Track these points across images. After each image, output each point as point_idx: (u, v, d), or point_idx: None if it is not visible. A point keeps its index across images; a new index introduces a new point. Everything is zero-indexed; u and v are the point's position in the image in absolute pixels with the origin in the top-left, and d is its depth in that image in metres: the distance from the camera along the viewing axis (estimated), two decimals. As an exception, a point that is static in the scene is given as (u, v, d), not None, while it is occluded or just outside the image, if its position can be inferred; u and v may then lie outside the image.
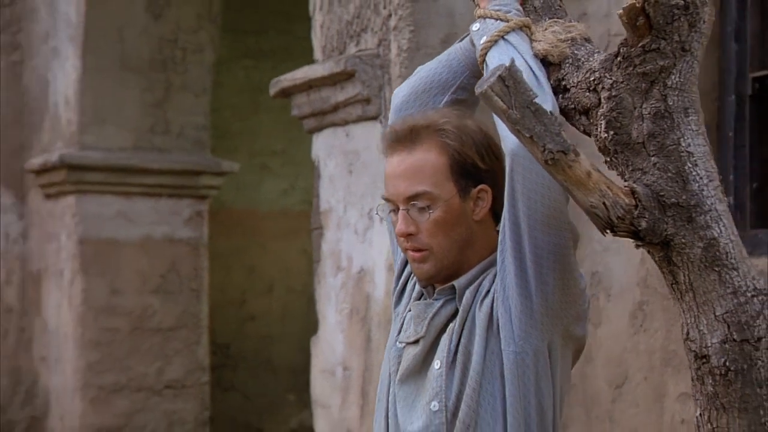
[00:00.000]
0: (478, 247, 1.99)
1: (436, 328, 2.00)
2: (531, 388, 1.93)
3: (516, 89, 1.68)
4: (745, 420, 1.74)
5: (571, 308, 1.95)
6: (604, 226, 1.73)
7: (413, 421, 1.99)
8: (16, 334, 7.09)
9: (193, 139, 6.57)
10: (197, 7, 6.52)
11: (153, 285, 6.45)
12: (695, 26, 1.78)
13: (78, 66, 6.37)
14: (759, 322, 1.74)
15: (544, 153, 1.68)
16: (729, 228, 1.76)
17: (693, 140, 1.77)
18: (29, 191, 7.05)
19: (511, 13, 1.95)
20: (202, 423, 6.64)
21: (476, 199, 1.97)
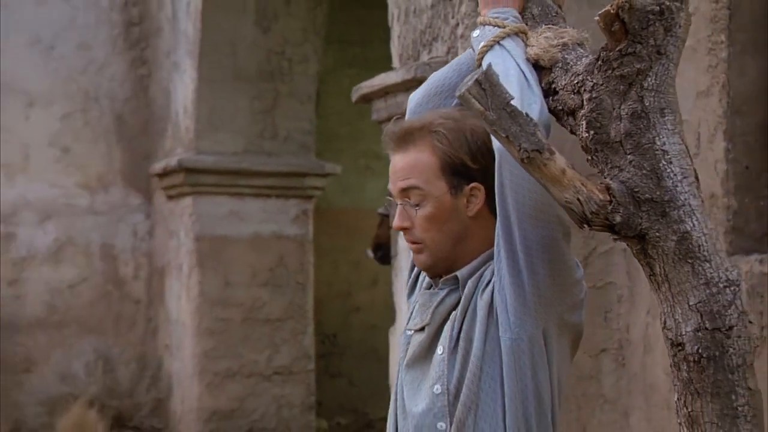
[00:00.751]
0: (475, 241, 2.00)
1: (441, 315, 2.01)
2: (528, 373, 1.92)
3: (492, 92, 1.70)
4: (718, 404, 1.73)
5: (565, 297, 1.95)
6: (579, 221, 1.75)
7: (418, 403, 2.01)
8: (144, 324, 7.37)
9: (299, 143, 6.72)
10: (302, 21, 6.66)
11: (262, 279, 6.61)
12: (671, 31, 1.78)
13: (195, 78, 6.59)
14: (731, 312, 1.73)
15: (520, 152, 1.70)
16: (702, 222, 1.75)
17: (668, 139, 1.77)
18: (154, 193, 7.32)
19: (509, 20, 1.96)
20: (308, 407, 6.77)
21: (469, 196, 1.97)
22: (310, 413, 6.75)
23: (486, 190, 1.96)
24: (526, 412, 1.93)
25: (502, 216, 1.89)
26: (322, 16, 6.71)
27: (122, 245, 7.35)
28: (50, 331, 7.30)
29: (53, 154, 7.30)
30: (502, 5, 1.99)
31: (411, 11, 4.36)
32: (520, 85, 1.88)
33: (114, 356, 7.26)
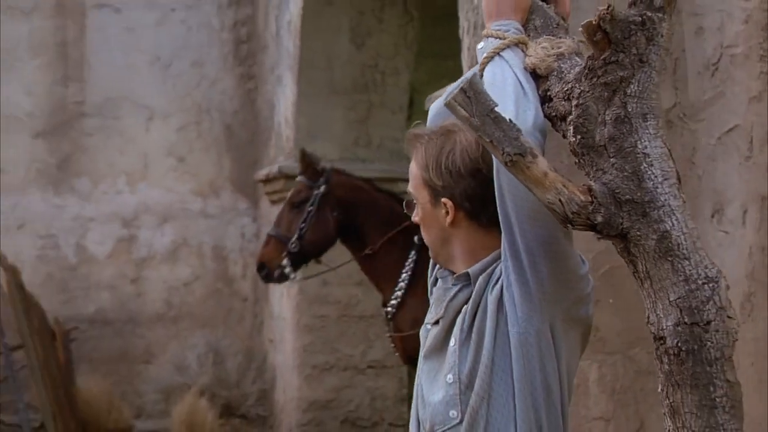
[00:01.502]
0: (461, 245, 2.02)
1: (454, 309, 2.02)
2: (536, 366, 1.92)
3: (476, 99, 1.72)
4: (696, 395, 1.72)
5: (570, 293, 1.94)
6: (561, 220, 1.76)
7: (434, 392, 2.02)
8: (251, 320, 7.55)
9: (390, 150, 6.79)
10: (394, 37, 6.74)
11: (357, 278, 6.69)
12: (653, 40, 1.77)
13: (295, 91, 6.73)
14: (708, 307, 1.72)
15: (504, 155, 1.72)
16: (682, 221, 1.74)
17: (650, 143, 1.76)
18: (260, 198, 7.49)
19: (510, 32, 1.97)
20: (400, 399, 6.83)
21: (444, 208, 2.01)
22: (402, 405, 6.80)
23: (455, 204, 1.99)
24: (536, 403, 1.93)
25: (504, 218, 1.90)
26: (413, 32, 6.77)
27: (231, 246, 7.56)
28: (167, 325, 7.55)
29: (170, 163, 7.55)
30: (505, 18, 1.99)
31: (479, 24, 4.38)
32: (516, 93, 1.89)
33: (223, 349, 7.47)
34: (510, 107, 1.87)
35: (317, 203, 5.41)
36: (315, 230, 5.41)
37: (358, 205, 5.55)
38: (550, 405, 1.95)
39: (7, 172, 7.65)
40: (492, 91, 1.90)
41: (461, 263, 2.04)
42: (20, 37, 7.72)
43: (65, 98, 7.72)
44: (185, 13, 7.76)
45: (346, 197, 5.53)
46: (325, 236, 5.48)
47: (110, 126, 7.68)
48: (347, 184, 5.62)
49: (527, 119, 1.86)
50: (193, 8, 7.77)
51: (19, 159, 7.68)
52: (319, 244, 5.49)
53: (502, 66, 1.94)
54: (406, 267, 5.53)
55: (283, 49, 7.00)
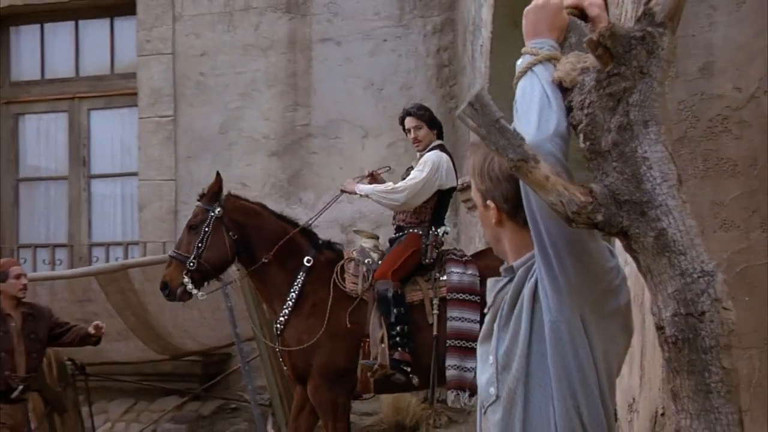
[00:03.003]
0: (509, 242, 2.05)
1: (501, 299, 2.06)
2: (569, 352, 1.92)
3: (483, 111, 1.78)
4: (693, 381, 1.70)
5: (596, 285, 1.91)
6: (564, 219, 1.78)
7: (483, 373, 2.07)
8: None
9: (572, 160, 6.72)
10: (576, 53, 6.67)
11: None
12: (654, 53, 1.77)
13: (485, 107, 6.79)
14: (703, 299, 1.69)
15: (508, 161, 1.77)
16: (679, 220, 1.72)
17: (650, 147, 1.76)
18: (459, 206, 7.62)
19: (544, 48, 1.98)
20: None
21: (491, 210, 2.05)
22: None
23: (497, 206, 2.03)
24: (572, 386, 1.93)
25: (530, 218, 1.91)
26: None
27: (435, 250, 7.71)
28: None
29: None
30: (541, 36, 2.01)
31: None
32: (540, 103, 1.91)
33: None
34: (533, 116, 1.90)
35: (212, 224, 5.44)
36: (211, 249, 5.43)
37: (251, 227, 5.53)
38: (586, 389, 1.93)
39: (248, 187, 8.21)
40: (521, 101, 1.96)
41: (511, 258, 2.09)
42: (258, 71, 8.27)
43: (294, 122, 8.18)
44: (395, 43, 8.02)
45: (240, 219, 5.53)
46: (221, 255, 5.48)
47: (331, 145, 8.06)
48: (242, 207, 5.61)
49: (549, 127, 1.88)
50: (402, 38, 8.01)
51: (258, 175, 8.22)
52: (215, 262, 5.48)
53: (532, 80, 1.96)
54: (294, 287, 5.48)
55: (477, 70, 7.09)
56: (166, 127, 8.37)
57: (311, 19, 8.17)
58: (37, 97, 9.14)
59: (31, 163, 9.27)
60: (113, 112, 8.98)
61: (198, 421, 7.89)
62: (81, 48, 9.12)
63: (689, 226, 1.72)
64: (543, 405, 1.96)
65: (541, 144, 1.86)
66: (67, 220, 9.03)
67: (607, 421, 1.98)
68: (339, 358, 5.38)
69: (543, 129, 1.87)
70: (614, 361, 2.01)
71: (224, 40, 8.33)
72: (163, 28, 8.43)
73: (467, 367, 5.07)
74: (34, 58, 9.23)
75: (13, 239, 9.05)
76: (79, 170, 9.02)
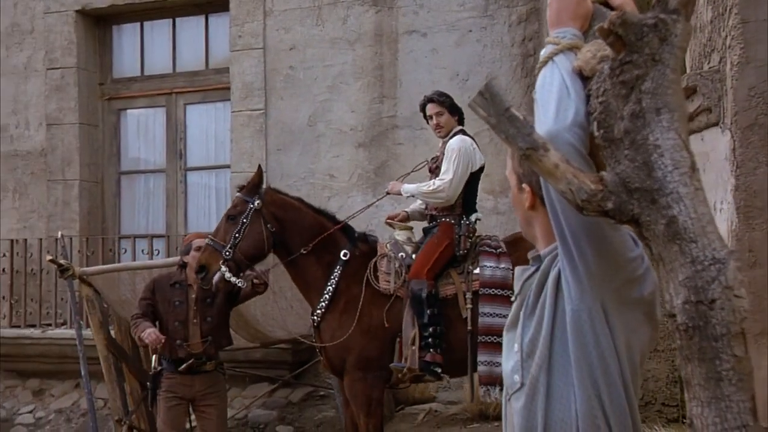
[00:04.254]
0: (540, 226, 2.05)
1: (528, 287, 2.06)
2: (590, 341, 1.91)
3: (492, 101, 1.80)
4: (704, 369, 1.69)
5: (618, 274, 1.90)
6: (575, 207, 1.79)
7: (508, 360, 2.08)
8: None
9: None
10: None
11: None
12: (666, 40, 1.75)
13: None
14: (714, 287, 1.68)
15: (518, 150, 1.79)
16: (690, 207, 1.71)
17: (662, 135, 1.74)
18: (544, 195, 7.56)
19: (566, 38, 1.98)
20: (672, 381, 6.58)
21: (525, 193, 2.06)
22: (674, 386, 6.56)
23: (533, 190, 2.03)
24: (593, 375, 1.92)
25: (550, 207, 1.92)
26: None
27: (520, 239, 7.69)
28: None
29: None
30: (564, 26, 2.00)
31: (697, 27, 4.23)
32: (559, 93, 1.91)
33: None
34: (552, 106, 1.91)
35: (251, 216, 5.47)
36: (247, 240, 5.47)
37: (289, 221, 5.55)
38: (608, 377, 1.93)
39: (335, 178, 8.34)
40: (541, 91, 1.97)
41: (541, 244, 2.09)
42: (346, 64, 8.37)
43: (381, 113, 8.25)
44: (480, 33, 8.01)
45: (278, 213, 5.55)
46: (258, 246, 5.51)
47: (417, 136, 8.10)
48: (280, 201, 5.62)
49: (567, 117, 1.88)
50: (487, 28, 7.99)
51: (345, 166, 8.33)
52: (251, 252, 5.51)
53: (552, 69, 1.96)
54: (330, 281, 5.46)
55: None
56: (257, 120, 8.56)
57: (397, 11, 8.23)
58: (137, 93, 9.48)
59: (132, 156, 9.62)
60: (208, 107, 9.24)
61: (288, 407, 8.07)
62: (178, 44, 9.40)
63: (701, 214, 1.71)
64: (564, 393, 1.96)
65: (559, 134, 1.87)
66: (165, 211, 9.34)
67: (630, 411, 1.97)
68: (373, 353, 5.45)
69: (561, 119, 1.88)
70: (637, 350, 1.99)
71: (313, 34, 8.47)
72: (255, 24, 8.62)
73: (498, 362, 5.07)
74: (134, 55, 9.57)
75: (115, 230, 9.42)
76: (176, 163, 9.32)
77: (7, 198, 9.47)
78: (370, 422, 5.47)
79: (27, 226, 9.37)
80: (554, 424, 1.97)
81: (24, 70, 9.48)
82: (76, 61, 9.28)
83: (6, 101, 9.49)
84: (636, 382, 2.01)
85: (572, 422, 1.95)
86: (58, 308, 8.80)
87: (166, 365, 5.96)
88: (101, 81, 9.55)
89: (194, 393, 5.95)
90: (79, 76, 9.29)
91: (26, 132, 9.45)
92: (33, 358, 8.81)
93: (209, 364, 5.98)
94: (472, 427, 6.69)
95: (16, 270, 9.00)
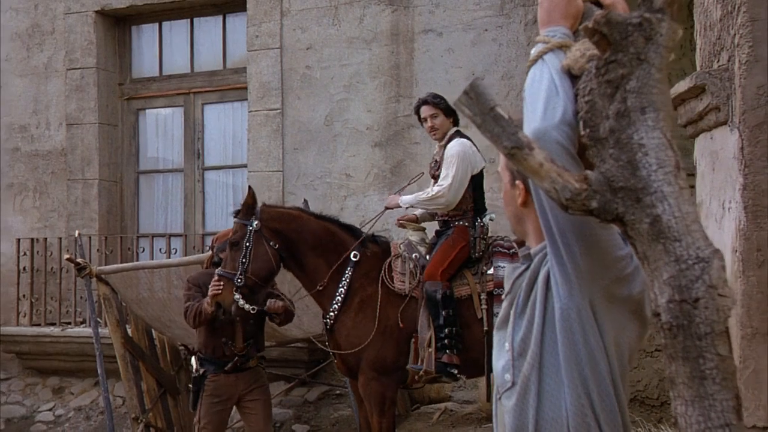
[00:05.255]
0: (530, 225, 2.05)
1: (518, 285, 2.07)
2: (579, 339, 1.92)
3: (477, 100, 1.81)
4: (688, 367, 1.70)
5: (606, 272, 1.91)
6: (560, 206, 1.79)
7: (499, 359, 2.09)
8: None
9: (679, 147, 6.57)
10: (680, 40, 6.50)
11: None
12: (652, 39, 1.76)
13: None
14: (698, 286, 1.69)
15: (503, 149, 1.80)
16: (674, 206, 1.71)
17: (647, 134, 1.75)
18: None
19: (556, 36, 1.98)
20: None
21: (518, 190, 2.07)
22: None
23: (525, 187, 2.03)
24: (582, 373, 1.94)
25: (538, 205, 1.93)
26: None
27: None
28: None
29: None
30: (554, 24, 2.01)
31: (707, 26, 4.22)
32: (548, 92, 1.92)
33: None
34: (540, 105, 1.92)
35: (252, 238, 5.46)
36: (255, 263, 5.46)
37: (291, 231, 5.53)
38: (598, 376, 1.94)
39: (352, 177, 8.37)
40: (530, 90, 1.98)
41: (533, 241, 2.10)
42: (362, 63, 8.39)
43: (397, 112, 8.27)
44: (496, 32, 8.00)
45: (278, 227, 5.53)
46: (267, 266, 5.50)
47: (433, 135, 8.10)
48: (278, 215, 5.60)
49: (555, 115, 1.89)
50: (503, 27, 7.98)
51: (361, 166, 8.35)
52: (262, 274, 5.50)
53: (541, 68, 1.97)
54: (342, 282, 5.45)
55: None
56: (274, 120, 8.60)
57: (413, 10, 8.24)
58: (155, 93, 9.55)
59: (150, 155, 9.70)
60: (225, 106, 9.30)
61: (304, 406, 8.11)
62: (196, 44, 9.47)
63: (685, 213, 1.71)
64: (555, 391, 1.97)
65: (547, 132, 1.88)
66: (183, 211, 9.41)
67: (619, 408, 1.98)
68: (389, 354, 5.46)
69: (549, 117, 1.89)
70: (626, 348, 2.00)
71: (329, 34, 8.50)
72: (272, 23, 8.66)
73: None
74: (153, 55, 9.64)
75: (134, 229, 9.50)
76: (194, 163, 9.38)
77: (27, 197, 9.58)
78: (383, 422, 5.49)
79: (47, 225, 9.47)
80: (545, 423, 1.98)
81: (44, 71, 9.58)
82: (95, 61, 9.37)
83: (27, 101, 9.60)
84: (625, 380, 2.02)
85: (563, 420, 1.96)
86: (77, 307, 8.89)
87: (209, 367, 5.92)
88: (120, 81, 9.63)
89: (240, 391, 5.95)
90: (98, 77, 9.37)
91: (47, 132, 9.56)
92: (53, 356, 8.90)
93: (252, 361, 5.97)
94: (487, 426, 6.69)
95: (36, 269, 9.10)
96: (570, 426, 1.95)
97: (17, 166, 9.62)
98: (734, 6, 3.79)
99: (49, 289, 9.05)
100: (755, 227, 3.61)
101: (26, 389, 9.13)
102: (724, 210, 3.87)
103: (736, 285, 3.64)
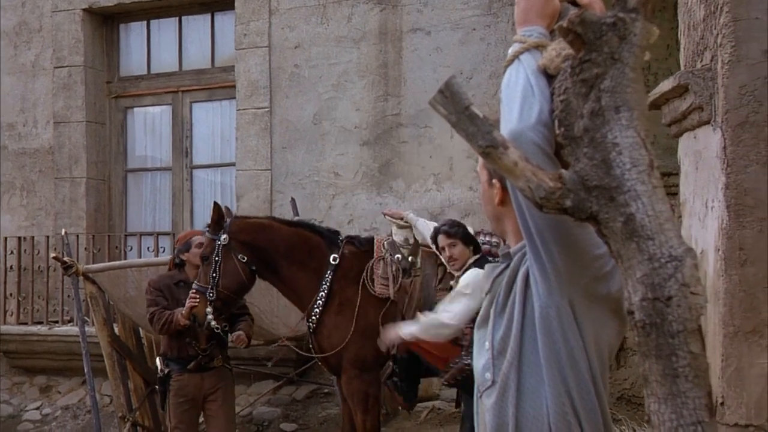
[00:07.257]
0: (509, 223, 2.06)
1: (498, 284, 2.08)
2: (559, 338, 1.92)
3: (452, 99, 1.80)
4: (661, 365, 1.70)
5: (585, 271, 1.91)
6: (534, 205, 1.80)
7: (479, 358, 2.09)
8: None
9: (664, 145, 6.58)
10: (666, 39, 6.52)
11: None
12: (626, 39, 1.77)
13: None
14: (670, 284, 1.69)
15: (477, 147, 1.81)
16: (648, 205, 1.72)
17: (621, 133, 1.75)
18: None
19: (532, 36, 1.98)
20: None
21: (495, 189, 2.07)
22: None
23: (502, 186, 2.04)
24: (562, 371, 1.94)
25: (516, 204, 1.94)
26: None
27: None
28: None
29: (471, 165, 7.82)
30: (531, 24, 2.01)
31: (691, 25, 4.23)
32: (524, 92, 1.93)
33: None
34: (516, 105, 1.93)
35: (221, 253, 5.47)
36: (225, 277, 5.47)
37: (261, 241, 5.51)
38: (578, 375, 1.94)
39: (340, 176, 8.37)
40: (506, 90, 1.99)
41: (512, 240, 2.10)
42: (350, 62, 8.40)
43: (385, 111, 8.27)
44: (484, 31, 8.01)
45: (247, 239, 5.51)
46: (237, 280, 5.51)
47: (422, 134, 8.11)
48: (246, 227, 5.57)
49: (531, 116, 1.90)
50: (491, 26, 8.00)
51: (350, 165, 8.36)
52: (232, 288, 5.51)
53: (517, 68, 1.98)
54: (322, 285, 5.44)
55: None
56: (263, 119, 8.60)
57: (402, 9, 8.24)
58: (143, 91, 9.53)
59: (139, 154, 9.68)
60: (214, 105, 9.29)
61: (292, 404, 8.11)
62: (184, 43, 9.45)
63: (659, 211, 1.72)
64: (535, 390, 1.98)
65: (523, 132, 1.89)
66: (171, 209, 9.40)
67: (600, 406, 1.99)
68: (369, 352, 5.45)
69: (525, 117, 1.89)
70: (606, 346, 2.00)
71: (318, 32, 8.50)
72: (260, 22, 8.66)
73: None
74: (141, 53, 9.63)
75: (122, 227, 9.49)
76: (182, 161, 9.37)
77: (15, 195, 9.55)
78: (367, 419, 5.49)
79: (35, 224, 9.45)
80: (526, 421, 1.99)
81: (32, 69, 9.56)
82: (83, 59, 9.35)
83: (14, 99, 9.58)
84: (605, 378, 2.02)
85: (544, 418, 1.97)
86: (65, 305, 8.87)
87: (174, 366, 5.97)
88: (108, 79, 9.61)
89: (204, 391, 5.98)
90: (86, 75, 9.35)
91: (34, 130, 9.53)
92: (40, 354, 8.88)
93: (216, 360, 6.00)
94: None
95: (23, 267, 9.07)
96: (551, 424, 1.95)
97: (4, 164, 9.60)
98: (717, 6, 3.80)
99: (37, 288, 9.03)
100: (737, 226, 3.62)
101: (13, 388, 9.11)
102: (707, 209, 3.88)
103: (718, 283, 3.66)
